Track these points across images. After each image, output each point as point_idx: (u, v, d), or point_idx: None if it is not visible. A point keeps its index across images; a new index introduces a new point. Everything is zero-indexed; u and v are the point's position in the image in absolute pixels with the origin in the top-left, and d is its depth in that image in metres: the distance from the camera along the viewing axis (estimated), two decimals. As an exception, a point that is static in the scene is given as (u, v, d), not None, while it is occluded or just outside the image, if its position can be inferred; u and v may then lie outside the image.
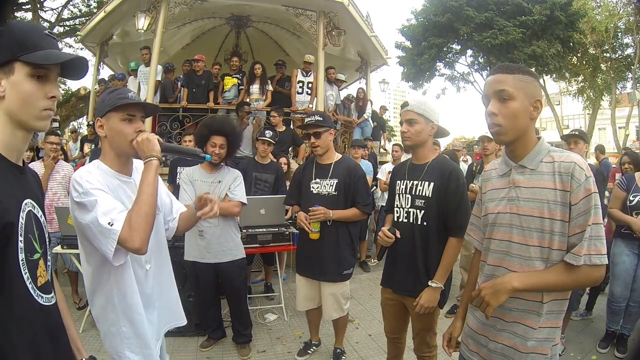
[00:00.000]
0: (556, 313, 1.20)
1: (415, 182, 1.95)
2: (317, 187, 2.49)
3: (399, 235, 1.94)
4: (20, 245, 0.82)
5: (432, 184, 1.91)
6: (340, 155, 2.61)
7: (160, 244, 1.47)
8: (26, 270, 0.83)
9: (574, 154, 1.18)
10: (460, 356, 1.41)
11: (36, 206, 0.92)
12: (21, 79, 0.85)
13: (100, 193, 1.19)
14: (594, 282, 1.17)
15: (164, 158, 1.35)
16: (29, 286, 0.84)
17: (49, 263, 0.95)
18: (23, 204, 0.86)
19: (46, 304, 0.89)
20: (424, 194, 1.92)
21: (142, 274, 1.36)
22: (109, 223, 1.13)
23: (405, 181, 2.00)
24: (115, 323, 1.30)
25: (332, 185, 2.46)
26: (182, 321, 1.57)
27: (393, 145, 5.93)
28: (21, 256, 0.82)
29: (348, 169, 2.50)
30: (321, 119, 2.47)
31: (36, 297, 0.86)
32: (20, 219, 0.83)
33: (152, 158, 1.26)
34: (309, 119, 2.49)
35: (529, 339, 1.17)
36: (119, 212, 1.17)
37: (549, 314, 1.18)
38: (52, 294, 0.94)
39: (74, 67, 0.95)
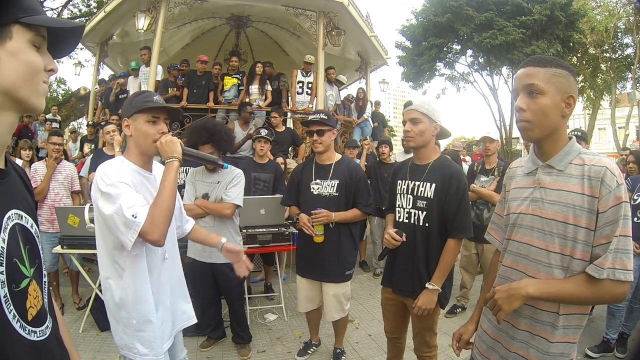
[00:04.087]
0: (574, 328, 1.12)
1: (417, 183, 1.94)
2: (318, 188, 2.47)
3: (405, 239, 1.91)
4: (1, 277, 0.65)
5: (433, 184, 1.89)
6: (340, 156, 2.59)
7: (173, 241, 1.57)
8: (11, 308, 0.67)
9: (607, 159, 1.10)
10: (471, 358, 1.38)
11: (24, 215, 0.76)
12: (23, 46, 0.69)
13: (125, 187, 1.28)
14: (615, 299, 1.08)
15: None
16: (16, 325, 0.67)
17: (44, 279, 0.80)
18: (5, 219, 0.70)
19: (39, 339, 0.74)
20: (425, 195, 1.90)
21: (159, 263, 1.44)
22: (132, 215, 1.23)
23: (406, 181, 1.98)
24: (127, 315, 1.36)
25: (334, 186, 2.44)
26: (193, 319, 1.65)
27: (380, 143, 5.69)
28: (3, 292, 0.65)
29: (349, 169, 2.48)
30: (326, 117, 2.45)
31: (26, 335, 0.70)
32: (1, 241, 0.67)
33: (173, 159, 1.37)
34: (314, 117, 2.47)
35: (543, 351, 1.12)
36: (141, 206, 1.27)
37: (566, 328, 1.11)
38: (47, 324, 0.78)
39: (63, 42, 0.80)
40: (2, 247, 0.67)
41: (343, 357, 2.78)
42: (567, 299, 1.08)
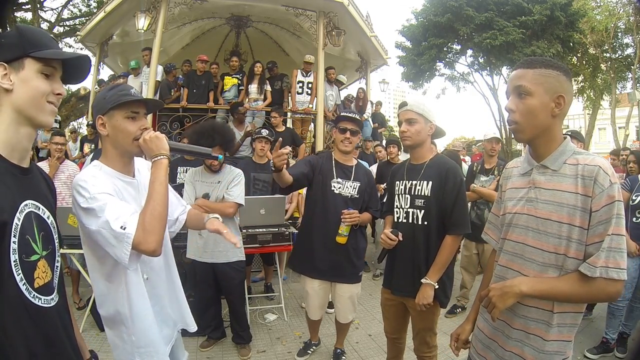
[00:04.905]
0: (569, 326, 1.13)
1: (414, 182, 1.95)
2: (339, 188, 2.40)
3: (401, 238, 1.92)
4: (14, 246, 0.81)
5: (430, 182, 1.91)
6: (355, 160, 2.58)
7: (166, 244, 1.46)
8: (19, 272, 0.82)
9: (600, 158, 1.11)
10: (469, 358, 1.39)
11: (41, 207, 0.91)
12: (32, 75, 0.88)
13: (108, 197, 1.15)
14: (608, 298, 1.09)
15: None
16: (22, 287, 0.82)
17: (57, 264, 0.94)
18: (22, 205, 0.85)
19: (44, 305, 0.88)
20: (423, 194, 1.92)
21: (154, 275, 1.34)
22: (121, 227, 1.09)
23: (404, 181, 2.00)
24: (126, 332, 1.27)
25: (355, 188, 2.42)
26: (192, 327, 1.54)
27: (376, 145, 5.71)
28: (14, 257, 0.81)
29: (366, 174, 2.51)
30: (359, 120, 2.45)
31: (31, 299, 0.84)
32: (16, 220, 0.82)
33: (161, 157, 1.21)
34: (352, 115, 2.44)
35: (538, 350, 1.13)
36: (130, 215, 1.12)
37: (560, 326, 1.12)
38: (53, 296, 0.92)
39: (76, 70, 0.98)
40: (17, 223, 0.83)
41: (343, 357, 2.78)
42: (560, 297, 1.09)
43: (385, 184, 4.37)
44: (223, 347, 3.00)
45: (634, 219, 2.84)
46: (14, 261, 0.81)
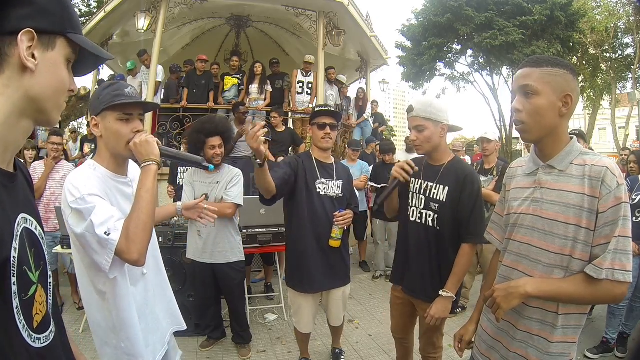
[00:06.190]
0: (574, 328, 1.13)
1: (430, 184, 1.89)
2: (324, 188, 2.28)
3: (417, 168, 1.85)
4: (14, 288, 0.63)
5: (446, 188, 1.83)
6: (332, 157, 2.49)
7: (154, 247, 1.44)
8: (21, 317, 0.65)
9: (607, 159, 1.09)
10: (472, 358, 1.38)
11: (29, 218, 0.73)
12: (60, 60, 0.70)
13: (97, 200, 1.11)
14: (613, 300, 1.07)
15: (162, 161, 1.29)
16: (25, 335, 0.67)
17: (50, 280, 0.77)
18: (16, 224, 0.67)
19: (43, 345, 0.72)
20: (438, 198, 1.85)
21: (142, 279, 1.32)
22: (105, 232, 1.07)
23: (420, 180, 1.93)
24: (114, 337, 1.24)
25: (339, 187, 2.34)
26: (182, 326, 1.53)
27: (377, 145, 5.73)
28: (15, 303, 0.64)
29: (345, 171, 2.44)
30: (338, 113, 2.36)
31: (31, 343, 0.69)
32: (13, 251, 0.64)
33: (150, 162, 1.17)
34: (330, 108, 2.33)
35: (543, 351, 1.12)
36: (116, 221, 1.10)
37: (565, 327, 1.11)
38: (50, 328, 0.76)
39: (86, 65, 0.82)
40: (14, 257, 0.64)
41: (342, 357, 2.78)
42: (565, 299, 1.08)
43: (373, 183, 4.46)
44: (223, 347, 2.99)
45: (634, 218, 2.84)
46: (16, 307, 0.64)
